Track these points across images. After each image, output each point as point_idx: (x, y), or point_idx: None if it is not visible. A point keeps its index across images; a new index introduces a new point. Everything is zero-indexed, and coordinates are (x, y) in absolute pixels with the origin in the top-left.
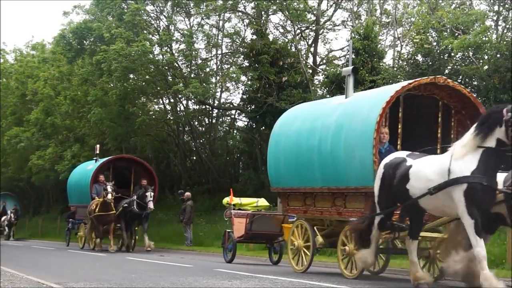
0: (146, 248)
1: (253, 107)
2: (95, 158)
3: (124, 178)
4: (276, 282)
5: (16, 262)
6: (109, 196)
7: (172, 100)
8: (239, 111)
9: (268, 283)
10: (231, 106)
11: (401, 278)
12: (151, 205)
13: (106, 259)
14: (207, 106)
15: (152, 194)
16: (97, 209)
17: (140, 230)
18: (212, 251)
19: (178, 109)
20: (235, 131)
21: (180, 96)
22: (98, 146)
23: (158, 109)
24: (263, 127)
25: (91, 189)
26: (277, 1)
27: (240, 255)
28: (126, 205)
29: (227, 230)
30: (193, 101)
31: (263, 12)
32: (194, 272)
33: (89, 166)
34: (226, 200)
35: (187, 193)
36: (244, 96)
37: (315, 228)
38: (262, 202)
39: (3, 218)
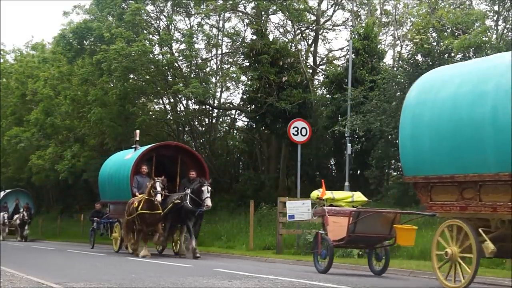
0: (191, 253)
1: (253, 107)
2: (134, 146)
3: (166, 169)
4: (276, 282)
5: (16, 262)
6: (159, 197)
7: (172, 100)
8: (239, 111)
9: (268, 283)
10: (231, 106)
11: (400, 278)
12: (208, 202)
13: (106, 259)
14: (207, 106)
15: (210, 189)
16: (140, 207)
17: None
18: (212, 251)
19: (178, 109)
20: (235, 131)
21: (180, 96)
22: (138, 132)
23: (158, 109)
24: (263, 127)
25: (132, 182)
26: (277, 1)
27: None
28: (177, 201)
29: (320, 231)
30: (193, 101)
31: (263, 12)
32: (194, 272)
33: (128, 156)
34: (316, 194)
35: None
36: (244, 96)
37: (480, 230)
38: (358, 196)
39: (15, 217)
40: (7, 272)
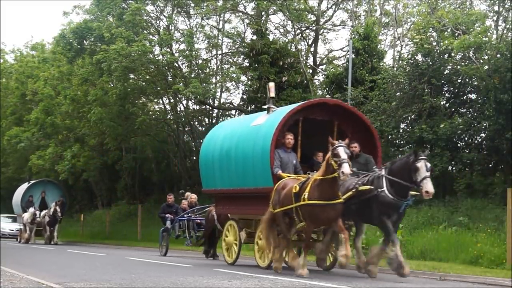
0: (398, 267)
1: (253, 107)
2: (268, 106)
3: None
4: (276, 282)
5: (16, 262)
6: (346, 169)
7: (172, 100)
8: (239, 111)
9: (268, 283)
10: (231, 106)
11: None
12: (429, 186)
13: (106, 259)
14: (207, 106)
15: (429, 166)
16: (306, 194)
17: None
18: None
19: (178, 109)
20: None
21: (180, 96)
22: (272, 84)
23: (158, 109)
24: None
25: (273, 159)
26: (277, 1)
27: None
28: (364, 187)
29: None
30: (193, 101)
31: (263, 12)
32: (194, 272)
33: (258, 121)
34: None
35: (188, 193)
36: (244, 96)
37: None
38: None
39: (42, 213)
40: (7, 272)
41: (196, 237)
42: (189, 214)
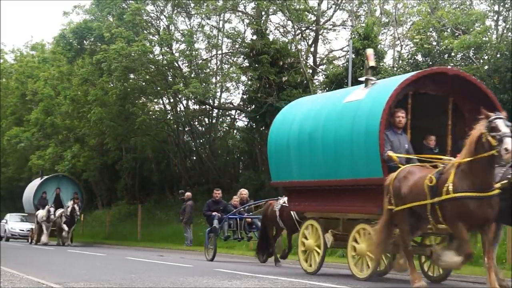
0: None
1: (253, 107)
2: (366, 77)
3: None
4: (276, 282)
5: (16, 262)
6: (510, 144)
7: (172, 100)
8: (239, 111)
9: (268, 283)
10: (231, 106)
11: (400, 279)
12: None
13: (106, 259)
14: (207, 106)
15: None
16: (451, 185)
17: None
18: None
19: (178, 109)
20: (235, 131)
21: (180, 96)
22: (370, 51)
23: (158, 109)
24: (263, 127)
25: (382, 142)
26: (277, 1)
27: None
28: None
29: None
30: (193, 101)
31: (263, 12)
32: (194, 272)
33: (353, 96)
34: None
35: (188, 193)
36: (244, 96)
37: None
38: None
39: (58, 212)
40: (7, 272)
41: (248, 238)
42: (241, 212)
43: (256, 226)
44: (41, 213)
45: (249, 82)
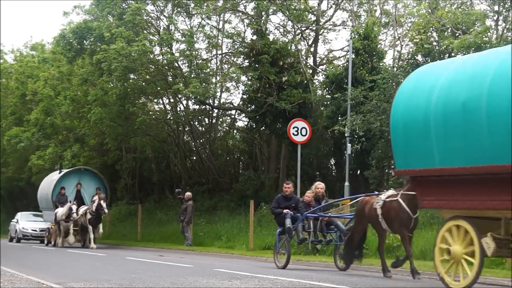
0: None
1: (253, 107)
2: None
3: None
4: (276, 282)
5: (16, 262)
6: None
7: (172, 100)
8: (239, 111)
9: (268, 283)
10: (231, 106)
11: (400, 278)
12: None
13: (106, 259)
14: (207, 106)
15: None
16: None
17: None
18: (212, 251)
19: (178, 109)
20: (235, 131)
21: (180, 96)
22: None
23: (158, 109)
24: (263, 127)
25: None
26: (277, 1)
27: (241, 255)
28: None
29: None
30: (193, 101)
31: (263, 12)
32: (194, 272)
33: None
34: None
35: (188, 193)
36: (244, 96)
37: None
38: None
39: (81, 210)
40: (7, 272)
41: (327, 242)
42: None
43: (337, 227)
44: (61, 210)
45: (249, 82)
